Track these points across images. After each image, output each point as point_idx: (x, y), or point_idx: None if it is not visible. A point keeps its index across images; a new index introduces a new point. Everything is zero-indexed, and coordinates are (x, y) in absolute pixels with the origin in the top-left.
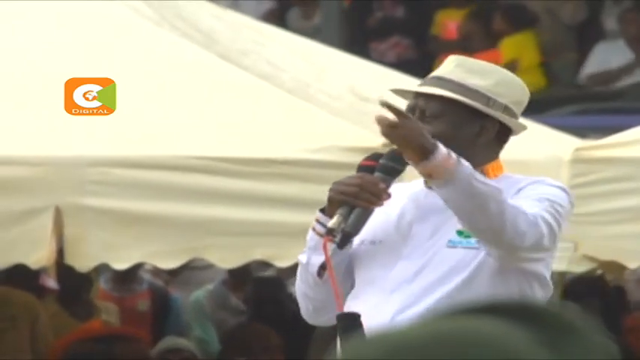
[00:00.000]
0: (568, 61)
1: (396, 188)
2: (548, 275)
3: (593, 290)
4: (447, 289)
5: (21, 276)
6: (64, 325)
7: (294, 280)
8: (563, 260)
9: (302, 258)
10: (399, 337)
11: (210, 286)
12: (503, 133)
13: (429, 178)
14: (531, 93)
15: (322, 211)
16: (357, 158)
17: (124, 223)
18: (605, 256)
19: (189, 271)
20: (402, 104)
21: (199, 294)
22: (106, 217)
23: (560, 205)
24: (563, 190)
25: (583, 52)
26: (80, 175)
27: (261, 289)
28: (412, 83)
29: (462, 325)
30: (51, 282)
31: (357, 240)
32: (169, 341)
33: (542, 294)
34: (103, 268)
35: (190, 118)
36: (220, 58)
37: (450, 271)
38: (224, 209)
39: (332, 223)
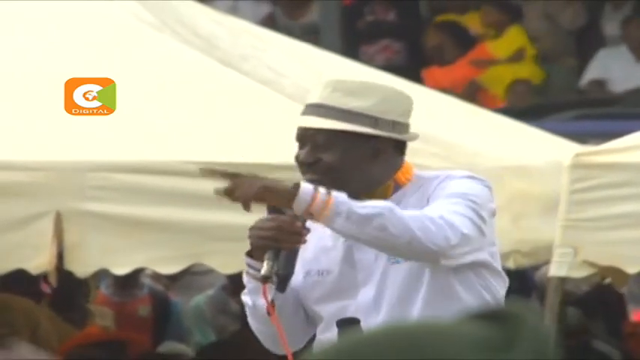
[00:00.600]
0: (567, 67)
1: None
2: (497, 263)
3: (594, 296)
4: (414, 306)
5: (18, 281)
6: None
7: None
8: (563, 266)
9: (247, 300)
10: (359, 336)
11: (210, 292)
12: (400, 144)
13: (312, 218)
14: (531, 99)
15: (249, 254)
16: None
17: (125, 229)
18: (605, 261)
19: (189, 277)
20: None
21: (199, 299)
22: (107, 222)
23: (472, 195)
24: (470, 177)
25: (583, 58)
26: (81, 180)
27: None
28: (405, 88)
29: (416, 325)
30: (46, 287)
31: (299, 273)
32: (168, 346)
33: (494, 281)
34: (103, 274)
35: (191, 123)
36: (221, 63)
37: (405, 288)
38: (224, 215)
39: (264, 270)
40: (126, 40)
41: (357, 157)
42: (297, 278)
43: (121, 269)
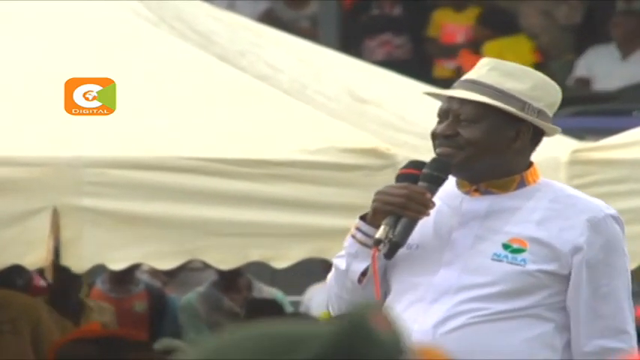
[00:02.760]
0: (565, 63)
1: None
2: None
3: None
4: (492, 306)
5: (14, 276)
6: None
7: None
8: None
9: (340, 264)
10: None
11: (201, 289)
12: (537, 136)
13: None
14: None
15: (362, 218)
16: (354, 159)
17: (121, 224)
18: None
19: (186, 273)
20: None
21: (190, 297)
22: (103, 217)
23: (628, 283)
24: (623, 230)
25: (581, 54)
26: (77, 175)
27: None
28: (407, 83)
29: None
30: (41, 282)
31: None
32: (164, 343)
33: None
34: (100, 269)
35: (188, 118)
36: (218, 59)
37: (494, 286)
38: (221, 210)
39: (380, 233)
40: (123, 36)
41: (497, 138)
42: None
43: (117, 265)
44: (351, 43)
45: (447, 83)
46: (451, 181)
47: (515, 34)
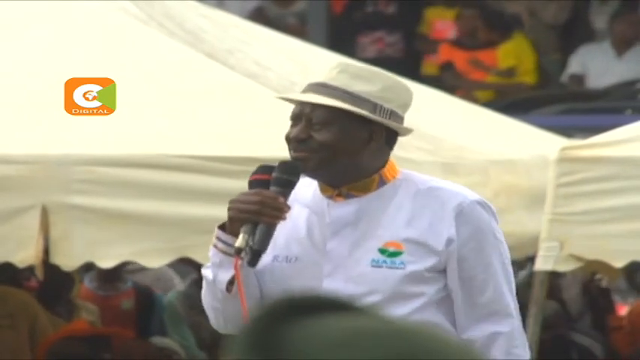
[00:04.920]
0: (552, 61)
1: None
2: None
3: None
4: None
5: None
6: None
7: None
8: (549, 259)
9: (207, 274)
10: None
11: (181, 287)
12: (391, 136)
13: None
14: (517, 93)
15: (221, 227)
16: None
17: (110, 222)
18: (592, 255)
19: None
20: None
21: (172, 296)
22: (92, 215)
23: (508, 262)
24: (493, 216)
25: (569, 52)
26: (66, 173)
27: None
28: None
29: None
30: (32, 281)
31: (268, 255)
32: (154, 341)
33: None
34: (87, 267)
35: (176, 116)
36: (207, 57)
37: (380, 294)
38: (211, 208)
39: (239, 242)
40: (112, 34)
41: (351, 140)
42: (263, 260)
43: (106, 262)
44: (341, 41)
45: (434, 80)
46: (312, 186)
47: (508, 32)
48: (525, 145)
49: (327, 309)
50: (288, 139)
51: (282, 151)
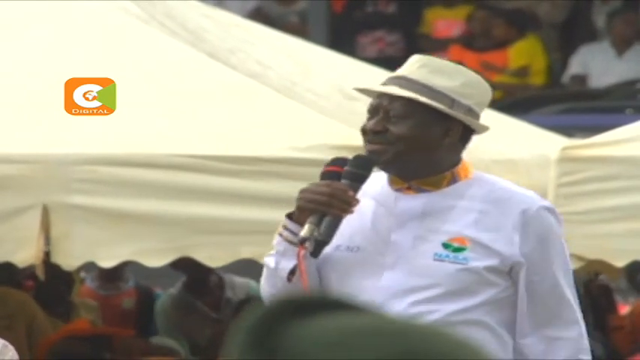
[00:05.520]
0: (553, 60)
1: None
2: None
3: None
4: (441, 307)
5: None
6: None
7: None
8: None
9: (269, 262)
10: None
11: (173, 290)
12: (467, 134)
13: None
14: (525, 93)
15: (289, 216)
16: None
17: (111, 222)
18: (593, 255)
19: None
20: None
21: (164, 300)
22: (93, 215)
23: (569, 268)
24: (560, 221)
25: (570, 52)
26: (66, 173)
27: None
28: None
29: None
30: (29, 280)
31: (331, 245)
32: (156, 341)
33: None
34: (88, 267)
35: (178, 116)
36: (208, 56)
37: (440, 287)
38: (212, 207)
39: (304, 232)
40: (114, 34)
41: (426, 134)
42: (325, 249)
43: (107, 262)
44: (342, 40)
45: None
46: (382, 179)
47: (524, 31)
48: (526, 144)
49: (327, 309)
50: (364, 130)
51: (282, 151)
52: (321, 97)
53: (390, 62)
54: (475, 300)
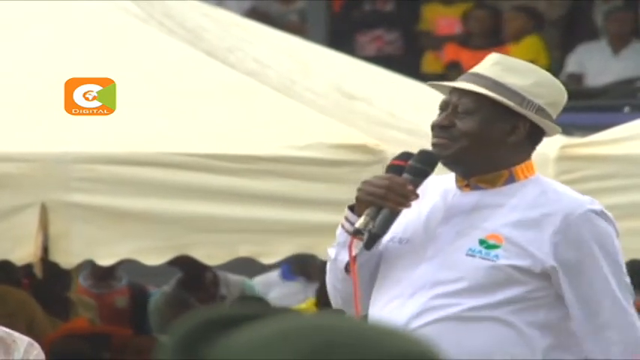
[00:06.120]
0: (553, 59)
1: (432, 182)
2: None
3: None
4: (462, 302)
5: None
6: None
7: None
8: None
9: (331, 252)
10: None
11: (166, 287)
12: (536, 134)
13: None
14: None
15: (351, 208)
16: (343, 155)
17: (109, 220)
18: None
19: None
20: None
21: (157, 298)
22: (91, 213)
23: (624, 272)
24: (612, 224)
25: (570, 50)
26: (65, 171)
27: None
28: (396, 79)
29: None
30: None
31: (388, 235)
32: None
33: None
34: (82, 265)
35: (176, 114)
36: (207, 55)
37: (463, 281)
38: (210, 206)
39: (359, 223)
40: (112, 33)
41: (492, 131)
42: (383, 240)
43: (105, 260)
44: (341, 39)
45: (438, 78)
46: (452, 177)
47: (532, 29)
48: None
49: (250, 320)
50: (432, 126)
51: (280, 150)
52: (319, 96)
53: (389, 60)
54: (499, 297)
